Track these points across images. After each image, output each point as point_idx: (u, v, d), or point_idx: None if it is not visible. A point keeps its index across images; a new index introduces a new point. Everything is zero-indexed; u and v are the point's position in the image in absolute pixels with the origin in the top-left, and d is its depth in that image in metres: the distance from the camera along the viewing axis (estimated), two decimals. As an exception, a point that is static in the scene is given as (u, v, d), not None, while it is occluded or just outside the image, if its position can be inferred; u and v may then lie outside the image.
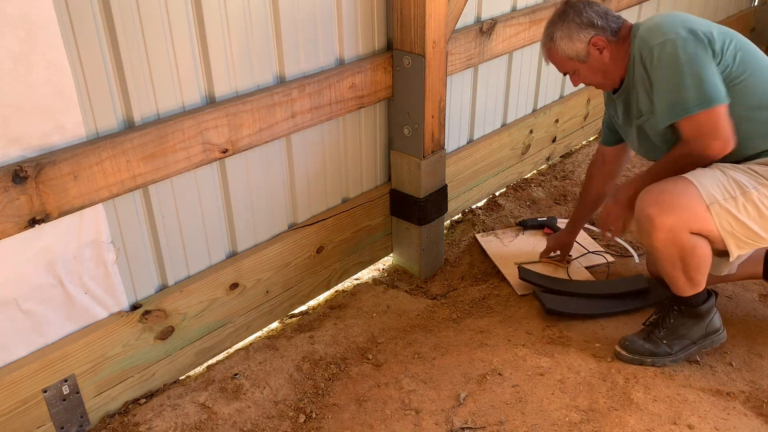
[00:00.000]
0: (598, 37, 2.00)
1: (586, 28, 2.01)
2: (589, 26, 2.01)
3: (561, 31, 2.04)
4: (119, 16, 1.63)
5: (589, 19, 2.01)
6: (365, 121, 2.41)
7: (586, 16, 2.01)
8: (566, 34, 2.03)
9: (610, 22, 2.02)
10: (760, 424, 1.82)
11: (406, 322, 2.37)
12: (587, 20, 2.01)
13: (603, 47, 2.01)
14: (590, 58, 2.04)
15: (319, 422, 1.91)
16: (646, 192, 1.90)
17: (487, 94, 2.93)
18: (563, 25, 2.04)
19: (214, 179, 2.00)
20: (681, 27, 1.87)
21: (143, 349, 1.94)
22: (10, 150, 1.51)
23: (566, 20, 2.03)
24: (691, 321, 2.02)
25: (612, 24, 2.02)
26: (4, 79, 1.45)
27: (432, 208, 2.53)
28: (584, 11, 2.02)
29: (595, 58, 2.03)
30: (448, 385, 1.99)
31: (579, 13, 2.02)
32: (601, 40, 2.01)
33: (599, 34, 2.00)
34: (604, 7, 2.06)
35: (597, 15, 2.02)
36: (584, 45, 2.02)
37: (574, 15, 2.02)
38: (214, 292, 2.07)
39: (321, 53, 2.15)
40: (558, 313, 2.30)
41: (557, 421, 1.82)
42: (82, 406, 1.84)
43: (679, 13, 1.98)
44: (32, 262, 1.64)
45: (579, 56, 2.04)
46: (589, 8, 2.03)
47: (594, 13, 2.02)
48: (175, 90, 1.81)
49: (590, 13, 2.02)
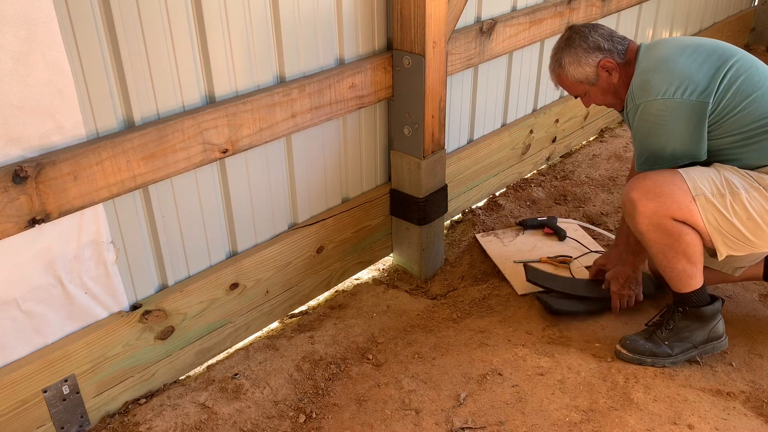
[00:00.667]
0: (606, 59, 2.04)
1: (593, 51, 2.05)
2: (597, 50, 2.05)
3: (569, 57, 2.08)
4: (119, 16, 1.63)
5: (596, 43, 2.05)
6: (365, 121, 2.41)
7: (593, 40, 2.05)
8: (574, 59, 2.07)
9: (616, 44, 2.06)
10: (760, 424, 1.82)
11: (406, 322, 2.37)
12: (594, 44, 2.05)
13: (612, 69, 2.05)
14: (600, 81, 2.08)
15: (319, 422, 1.91)
16: (633, 179, 1.96)
17: (487, 94, 2.93)
18: (570, 51, 2.08)
19: (214, 179, 2.00)
20: (673, 83, 1.88)
21: (143, 349, 1.94)
22: (10, 150, 1.51)
23: (573, 46, 2.07)
24: (695, 324, 2.02)
25: (618, 46, 2.06)
26: (4, 79, 1.45)
27: (432, 208, 2.53)
28: (590, 36, 2.06)
29: (604, 79, 2.07)
30: (448, 385, 1.99)
31: (585, 38, 2.06)
32: (610, 62, 2.04)
33: (607, 57, 2.05)
34: (609, 29, 2.09)
35: (603, 38, 2.06)
36: (593, 68, 2.06)
37: (580, 40, 2.06)
38: (214, 292, 2.07)
39: (321, 53, 2.15)
40: (565, 314, 2.30)
41: (557, 421, 1.82)
42: (82, 406, 1.84)
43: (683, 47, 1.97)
44: (32, 262, 1.64)
45: (589, 80, 2.09)
46: (594, 32, 2.07)
47: (599, 36, 2.06)
48: (175, 90, 1.81)
49: (596, 36, 2.05)
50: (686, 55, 1.93)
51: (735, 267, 2.23)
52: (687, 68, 1.90)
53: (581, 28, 2.09)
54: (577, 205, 3.12)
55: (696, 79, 1.88)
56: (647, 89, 1.92)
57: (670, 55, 1.95)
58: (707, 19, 4.66)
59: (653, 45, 2.03)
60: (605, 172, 3.44)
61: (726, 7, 4.87)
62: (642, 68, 1.97)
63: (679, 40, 2.02)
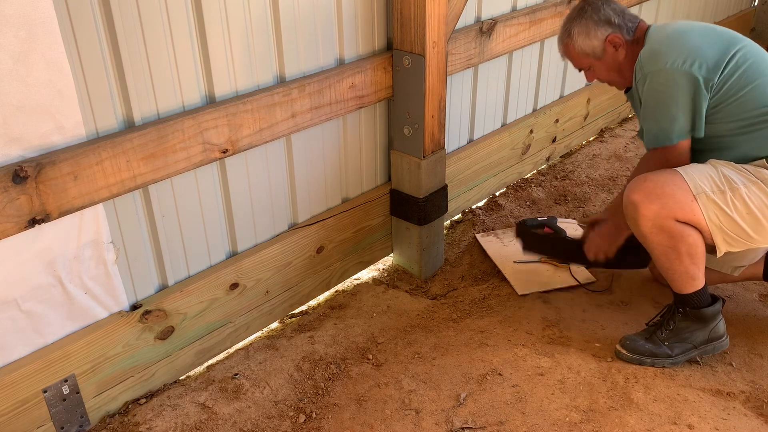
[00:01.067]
0: (614, 35, 2.03)
1: (603, 25, 2.04)
2: (606, 24, 2.04)
3: (578, 27, 2.07)
4: (119, 16, 1.63)
5: (607, 17, 2.04)
6: (365, 121, 2.41)
7: (604, 14, 2.04)
8: (583, 30, 2.06)
9: (626, 21, 2.05)
10: (760, 424, 1.82)
11: (406, 322, 2.37)
12: (605, 18, 2.04)
13: (619, 45, 2.04)
14: (606, 56, 2.07)
15: (319, 422, 1.91)
16: (633, 181, 1.94)
17: (487, 94, 2.93)
18: (581, 22, 2.06)
19: (214, 179, 2.00)
20: (681, 54, 1.88)
21: (143, 349, 1.94)
22: (10, 150, 1.51)
23: (584, 17, 2.06)
24: (695, 325, 2.01)
25: (629, 23, 2.05)
26: (4, 79, 1.45)
27: (432, 208, 2.53)
28: (602, 8, 2.05)
29: (610, 55, 2.06)
30: (448, 385, 1.99)
31: (597, 10, 2.05)
32: (618, 38, 2.03)
33: (616, 32, 2.04)
34: (622, 6, 2.08)
35: (615, 13, 2.05)
36: (600, 42, 2.05)
37: (592, 12, 2.05)
38: (214, 292, 2.07)
39: (321, 53, 2.15)
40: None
41: (557, 421, 1.82)
42: (82, 406, 1.84)
43: (694, 26, 1.98)
44: (32, 262, 1.64)
45: (595, 53, 2.08)
46: (607, 6, 2.05)
47: (612, 11, 2.05)
48: (175, 90, 1.81)
49: (608, 10, 2.04)
50: (697, 33, 1.93)
51: (734, 266, 2.23)
52: (698, 44, 1.90)
53: (595, 0, 2.07)
54: (577, 205, 3.12)
55: (705, 55, 1.88)
56: (656, 58, 1.91)
57: (681, 30, 1.96)
58: (707, 19, 4.67)
59: (664, 25, 2.03)
60: (605, 172, 3.44)
61: (726, 7, 4.87)
62: (652, 41, 1.97)
63: (690, 23, 2.02)
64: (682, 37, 1.93)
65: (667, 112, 1.92)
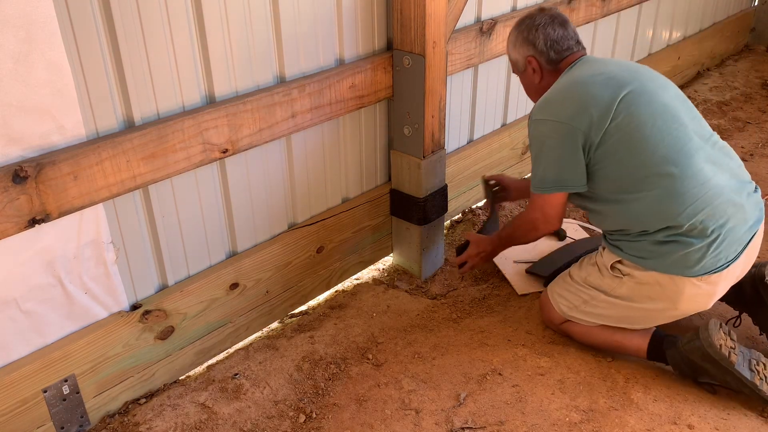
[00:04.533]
0: (533, 57, 2.05)
1: (528, 44, 2.06)
2: (531, 45, 2.05)
3: (512, 36, 2.11)
4: (119, 16, 1.63)
5: (534, 39, 2.03)
6: (365, 121, 2.41)
7: (533, 35, 2.04)
8: (513, 40, 2.11)
9: (551, 51, 2.03)
10: (760, 424, 1.82)
11: (406, 322, 2.37)
12: (532, 39, 2.04)
13: (536, 69, 2.06)
14: (526, 73, 2.11)
15: (319, 422, 1.91)
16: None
17: (487, 94, 2.93)
18: (514, 32, 2.10)
19: (214, 179, 2.00)
20: (568, 108, 1.88)
21: (143, 349, 1.94)
22: (10, 150, 1.51)
23: (520, 29, 2.08)
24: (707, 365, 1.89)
25: (553, 54, 2.03)
26: (4, 79, 1.45)
27: (432, 208, 2.53)
28: (537, 29, 2.03)
29: (529, 74, 2.10)
30: (448, 385, 1.99)
31: (530, 28, 2.05)
32: (536, 62, 2.05)
33: (535, 56, 2.05)
34: (561, 33, 2.03)
35: (545, 38, 2.02)
36: (522, 58, 2.09)
37: (526, 28, 2.06)
38: (214, 292, 2.07)
39: (321, 53, 2.15)
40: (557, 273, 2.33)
41: (557, 421, 1.82)
42: (82, 406, 1.84)
43: (595, 76, 1.92)
44: (32, 262, 1.64)
45: (518, 66, 2.13)
46: (543, 29, 2.03)
47: (544, 36, 2.02)
48: (175, 90, 1.81)
49: (540, 34, 2.02)
50: (596, 84, 1.90)
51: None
52: (587, 98, 1.88)
53: (539, 17, 2.04)
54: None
55: (591, 112, 1.86)
56: (544, 107, 1.94)
57: (581, 80, 1.93)
58: (707, 19, 4.67)
59: (583, 63, 2.00)
60: (605, 172, 3.43)
61: (726, 7, 4.87)
62: (555, 85, 1.99)
63: (604, 67, 1.97)
64: (577, 88, 1.91)
65: (543, 162, 1.95)
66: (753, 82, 4.67)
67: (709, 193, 1.84)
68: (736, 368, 1.82)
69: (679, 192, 1.83)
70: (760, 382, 1.82)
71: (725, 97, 4.40)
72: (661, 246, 1.87)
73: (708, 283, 1.87)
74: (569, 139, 1.88)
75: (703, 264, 1.84)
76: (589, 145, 1.88)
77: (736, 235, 1.86)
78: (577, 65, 2.01)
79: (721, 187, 1.86)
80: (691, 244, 1.83)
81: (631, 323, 2.01)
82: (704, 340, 1.85)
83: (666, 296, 1.91)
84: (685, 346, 1.90)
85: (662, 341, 1.97)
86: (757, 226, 1.93)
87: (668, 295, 1.91)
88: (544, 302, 2.21)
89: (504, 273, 2.60)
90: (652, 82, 1.94)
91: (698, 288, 1.88)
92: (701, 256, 1.83)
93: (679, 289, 1.88)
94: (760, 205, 1.96)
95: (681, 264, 1.85)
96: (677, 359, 1.93)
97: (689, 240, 1.83)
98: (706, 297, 1.91)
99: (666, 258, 1.86)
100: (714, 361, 1.84)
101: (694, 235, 1.83)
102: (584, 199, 2.02)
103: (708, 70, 4.88)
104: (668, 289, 1.89)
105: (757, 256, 2.02)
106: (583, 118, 1.86)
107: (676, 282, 1.87)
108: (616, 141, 1.86)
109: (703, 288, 1.88)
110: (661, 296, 1.92)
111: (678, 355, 1.92)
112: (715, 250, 1.83)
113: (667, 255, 1.86)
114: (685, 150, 1.86)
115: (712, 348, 1.83)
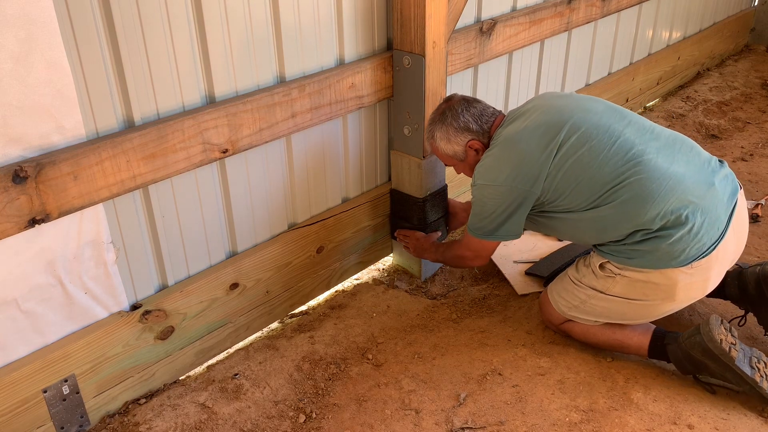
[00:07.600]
0: (473, 140, 2.10)
1: (462, 132, 2.10)
2: (466, 131, 2.10)
3: (440, 133, 2.14)
4: (119, 16, 1.63)
5: (466, 124, 2.09)
6: (365, 121, 2.41)
7: (463, 121, 2.10)
8: (444, 136, 2.13)
9: (483, 124, 2.11)
10: (760, 424, 1.82)
11: (406, 322, 2.37)
12: (464, 125, 2.10)
13: (479, 149, 2.11)
14: (468, 158, 2.14)
15: (319, 422, 1.91)
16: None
17: (487, 94, 2.93)
18: (442, 128, 2.13)
19: (214, 179, 2.00)
20: (505, 167, 1.96)
21: (143, 349, 1.94)
22: (10, 150, 1.51)
23: (445, 123, 2.12)
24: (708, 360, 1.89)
25: (485, 125, 2.11)
26: (4, 79, 1.45)
27: (432, 208, 2.53)
28: (462, 115, 2.10)
29: (472, 157, 2.14)
30: (448, 385, 1.99)
31: (456, 116, 2.10)
32: (477, 143, 2.10)
33: (474, 138, 2.10)
34: (481, 107, 2.13)
35: (473, 118, 2.10)
36: (462, 147, 2.12)
37: (452, 119, 2.10)
38: (214, 292, 2.07)
39: (321, 53, 2.15)
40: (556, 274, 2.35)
41: (557, 421, 1.82)
42: (82, 406, 1.84)
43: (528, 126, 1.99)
44: (32, 262, 1.64)
45: (457, 156, 2.16)
46: (466, 111, 2.10)
47: (471, 117, 2.10)
48: (175, 90, 1.81)
49: (467, 117, 2.10)
50: (525, 137, 1.97)
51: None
52: (523, 152, 1.95)
53: (456, 105, 2.11)
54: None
55: (529, 165, 1.94)
56: (483, 173, 2.01)
57: (513, 137, 1.99)
58: (707, 19, 4.67)
59: (507, 122, 2.07)
60: (605, 172, 3.43)
61: (726, 7, 4.87)
62: (490, 149, 2.04)
63: (526, 115, 2.04)
64: (510, 147, 1.98)
65: (484, 217, 2.03)
66: (753, 82, 4.67)
67: (669, 183, 1.88)
68: (737, 364, 1.82)
69: (639, 195, 1.88)
70: (761, 379, 1.83)
71: (725, 97, 4.40)
72: (643, 244, 1.90)
73: (699, 269, 1.89)
74: (508, 199, 1.97)
75: (688, 252, 1.86)
76: (536, 191, 1.96)
77: (714, 215, 1.89)
78: (503, 126, 2.08)
79: (680, 174, 1.90)
80: (671, 235, 1.86)
81: (631, 318, 2.02)
82: (705, 335, 1.86)
83: (661, 290, 1.93)
84: (686, 341, 1.91)
85: (663, 338, 1.98)
86: (734, 197, 1.95)
87: (663, 288, 1.92)
88: (543, 302, 2.21)
89: (504, 273, 2.60)
90: (578, 110, 2.00)
91: (691, 276, 1.90)
92: (684, 245, 1.86)
93: (672, 281, 1.90)
94: (730, 177, 2.00)
95: (667, 257, 1.87)
96: (678, 355, 1.93)
97: (668, 232, 1.86)
98: (702, 283, 1.93)
99: (651, 254, 1.89)
100: (714, 356, 1.85)
101: (669, 226, 1.86)
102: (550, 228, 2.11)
103: (708, 70, 4.88)
104: (661, 283, 1.92)
105: (757, 257, 2.02)
106: (521, 175, 1.94)
107: (667, 275, 1.90)
108: (562, 178, 1.94)
109: (696, 275, 1.90)
110: (656, 291, 1.93)
111: (679, 351, 1.93)
112: (696, 236, 1.86)
113: (651, 252, 1.89)
114: (629, 156, 1.91)
115: (712, 343, 1.84)
